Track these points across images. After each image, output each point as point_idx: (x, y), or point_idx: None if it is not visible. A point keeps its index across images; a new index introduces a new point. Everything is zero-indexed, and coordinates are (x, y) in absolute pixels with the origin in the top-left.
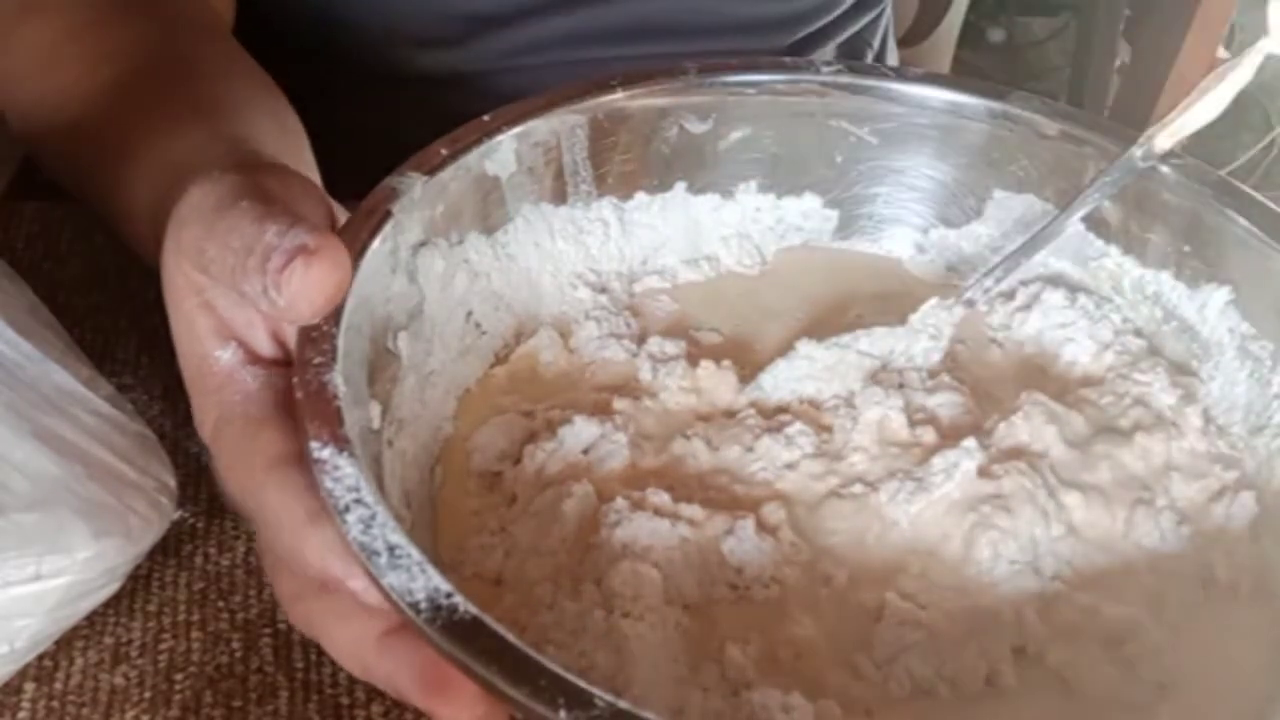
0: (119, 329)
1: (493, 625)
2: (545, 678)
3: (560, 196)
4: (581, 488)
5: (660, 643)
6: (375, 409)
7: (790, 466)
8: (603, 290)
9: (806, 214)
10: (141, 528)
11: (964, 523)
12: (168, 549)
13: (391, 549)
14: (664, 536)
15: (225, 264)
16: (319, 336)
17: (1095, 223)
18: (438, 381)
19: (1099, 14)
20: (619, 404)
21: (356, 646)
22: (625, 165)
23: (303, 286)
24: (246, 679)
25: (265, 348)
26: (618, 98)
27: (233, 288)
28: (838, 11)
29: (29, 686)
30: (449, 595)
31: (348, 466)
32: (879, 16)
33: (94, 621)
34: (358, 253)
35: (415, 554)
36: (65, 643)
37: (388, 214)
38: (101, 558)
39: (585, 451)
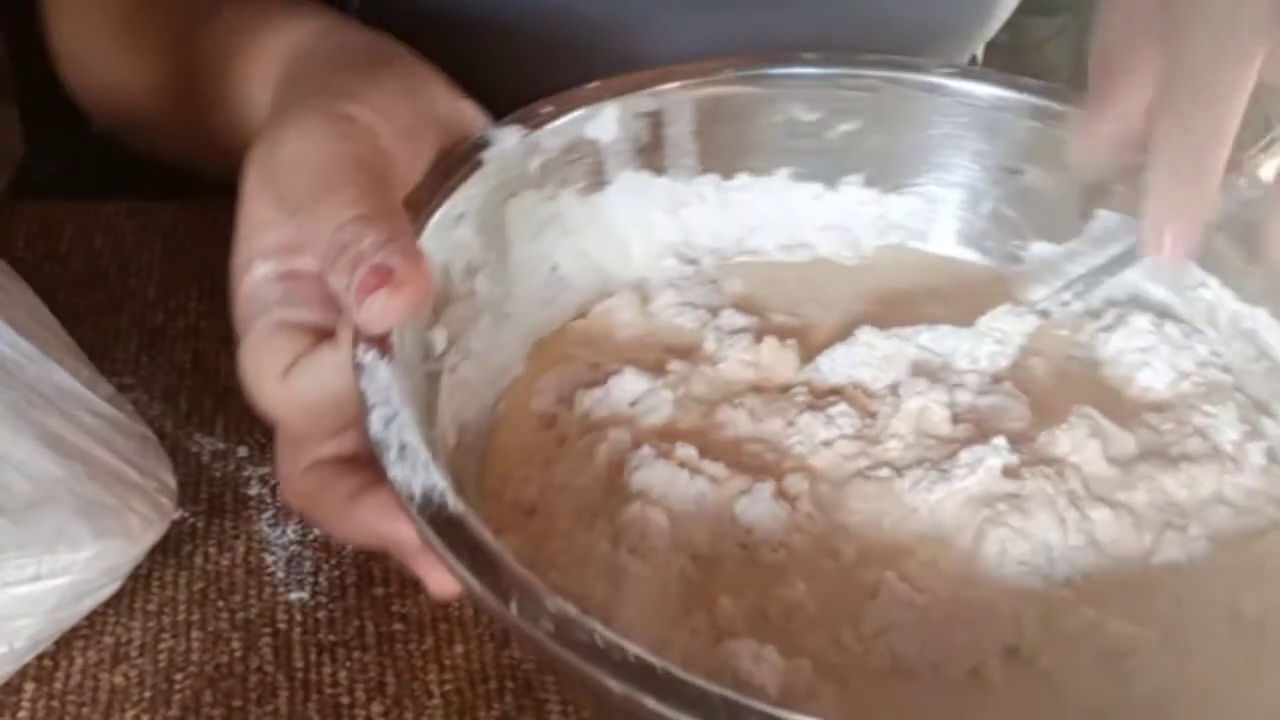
0: (119, 329)
1: (474, 526)
2: (505, 575)
3: (660, 168)
4: (618, 433)
5: (660, 584)
6: (439, 335)
7: (826, 444)
8: (691, 262)
9: (910, 213)
10: (141, 528)
11: (977, 517)
12: (168, 549)
13: (402, 446)
14: (681, 487)
15: (318, 247)
16: None
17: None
18: (514, 325)
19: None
20: (674, 365)
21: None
22: (730, 145)
23: (382, 311)
24: (246, 679)
25: (309, 266)
26: (729, 78)
27: (319, 267)
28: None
29: (29, 686)
30: (442, 493)
31: (384, 371)
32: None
33: (94, 621)
34: (445, 194)
35: (423, 454)
36: (65, 642)
37: (479, 161)
38: (101, 558)
39: (632, 404)
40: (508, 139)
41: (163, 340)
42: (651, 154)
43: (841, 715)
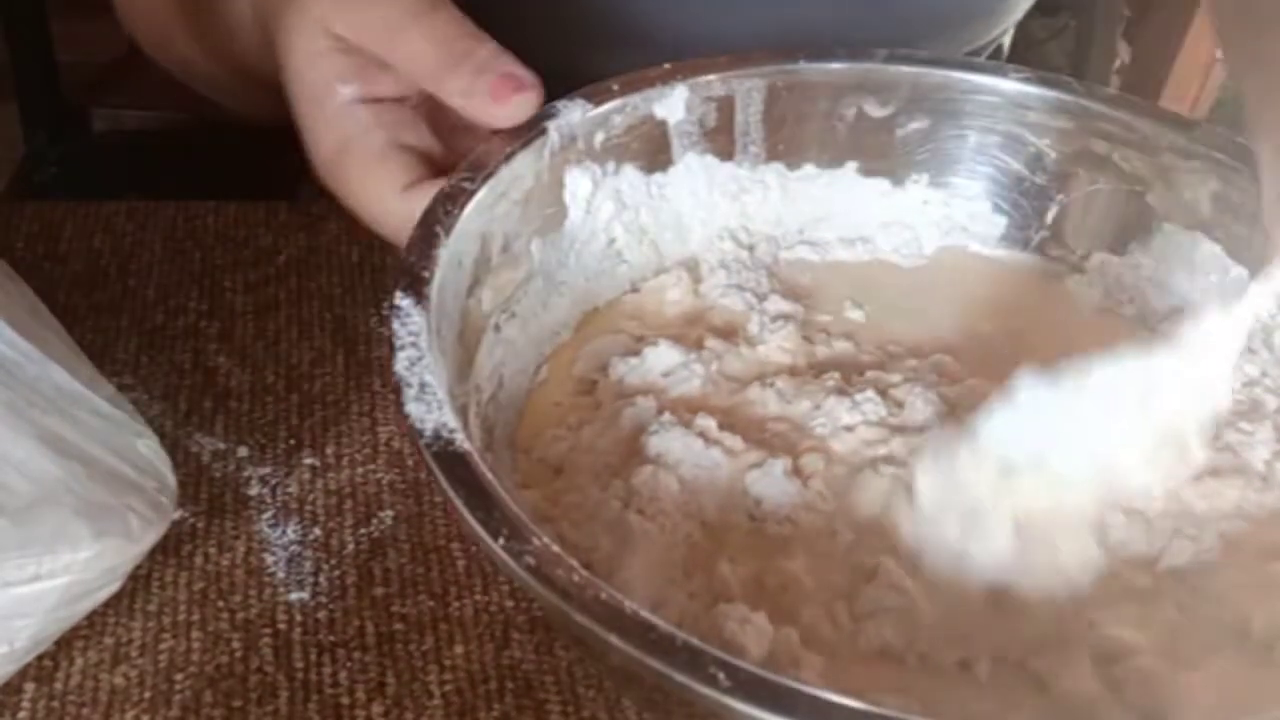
0: (119, 329)
1: (477, 464)
2: (499, 511)
3: (727, 153)
4: (645, 400)
5: (665, 546)
6: (487, 293)
7: (848, 429)
8: (749, 248)
9: (974, 216)
10: (141, 528)
11: None
12: (168, 549)
13: (422, 385)
14: (695, 455)
15: (428, 57)
16: (446, 215)
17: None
18: (566, 293)
19: (1099, 14)
20: (711, 343)
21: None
22: (798, 136)
23: (519, 106)
24: (246, 679)
25: (387, 89)
26: (801, 69)
27: (425, 75)
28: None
29: (29, 686)
30: (452, 431)
31: (418, 317)
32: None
33: (94, 621)
34: (506, 157)
35: (440, 394)
36: (65, 643)
37: (544, 130)
38: (101, 558)
39: (665, 375)
40: (572, 112)
41: (163, 340)
42: (718, 138)
43: (823, 685)
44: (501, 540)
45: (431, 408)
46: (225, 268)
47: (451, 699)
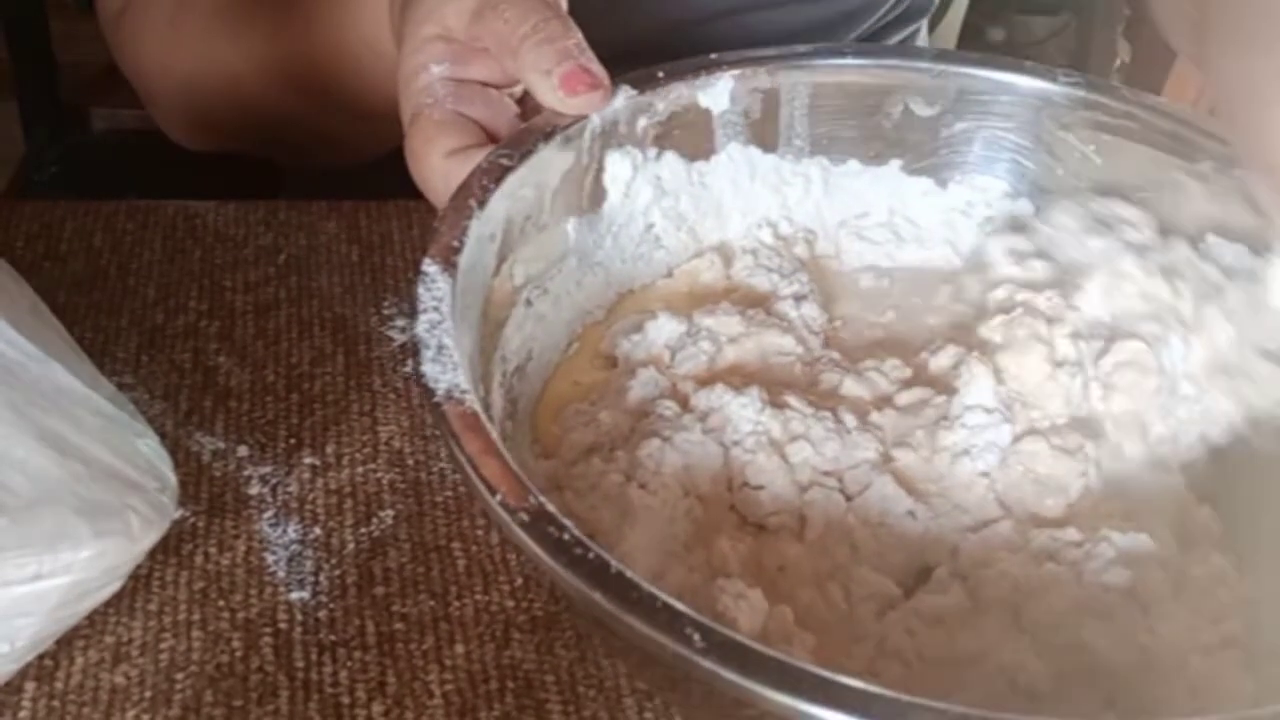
0: (119, 329)
1: (485, 425)
2: (499, 466)
3: (771, 145)
4: (647, 373)
5: (666, 519)
6: (519, 268)
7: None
8: (785, 238)
9: (1015, 219)
10: (142, 527)
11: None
12: (168, 549)
13: (440, 348)
14: (700, 432)
15: (517, 27)
16: (481, 189)
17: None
18: (600, 273)
19: (1099, 14)
20: (721, 314)
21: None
22: (843, 132)
23: (587, 103)
24: (247, 678)
25: (477, 74)
26: (848, 64)
27: (510, 47)
28: (871, 20)
29: (29, 686)
30: (464, 392)
31: (443, 283)
32: (915, 32)
33: (94, 621)
34: (546, 136)
35: (456, 357)
36: (66, 642)
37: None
38: (102, 557)
39: (669, 347)
40: (616, 96)
41: (163, 340)
42: (762, 130)
43: (815, 663)
44: (499, 497)
45: (446, 369)
46: (225, 267)
47: (452, 699)
